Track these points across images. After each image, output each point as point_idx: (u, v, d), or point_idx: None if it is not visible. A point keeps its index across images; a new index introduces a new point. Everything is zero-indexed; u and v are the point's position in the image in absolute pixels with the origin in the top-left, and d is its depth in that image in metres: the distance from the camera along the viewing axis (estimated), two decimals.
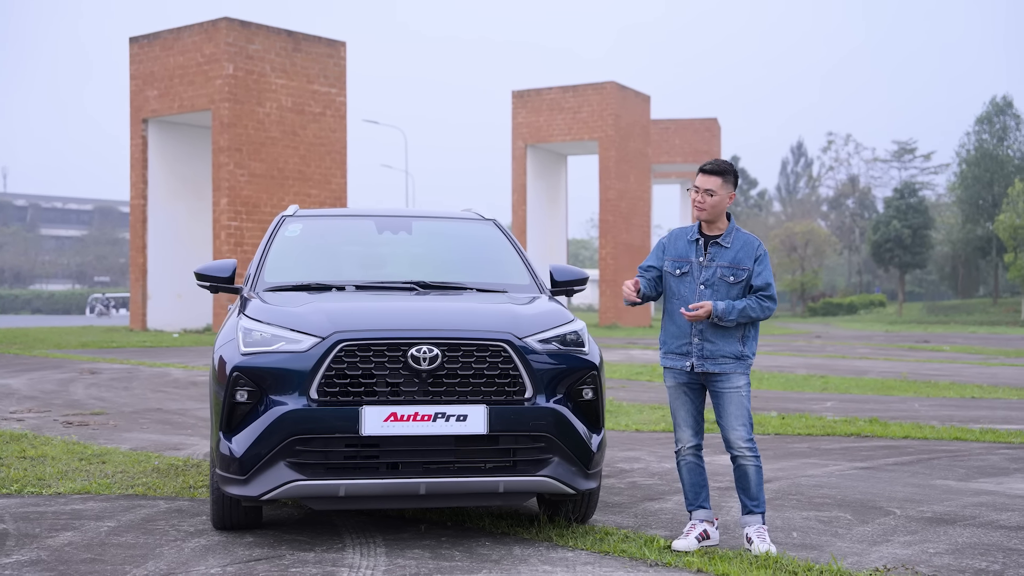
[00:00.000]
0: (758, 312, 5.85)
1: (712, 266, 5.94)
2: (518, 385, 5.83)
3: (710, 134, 57.90)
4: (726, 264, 5.92)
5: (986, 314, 68.84)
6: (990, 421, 12.10)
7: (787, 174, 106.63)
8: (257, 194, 32.32)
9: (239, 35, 32.14)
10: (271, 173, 32.67)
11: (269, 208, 32.60)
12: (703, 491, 5.99)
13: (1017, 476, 8.30)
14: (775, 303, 5.94)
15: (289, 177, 33.12)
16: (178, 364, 20.83)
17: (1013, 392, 16.07)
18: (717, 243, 5.97)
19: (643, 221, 46.91)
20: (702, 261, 5.97)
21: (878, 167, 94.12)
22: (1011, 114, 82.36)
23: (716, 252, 5.96)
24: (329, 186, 34.11)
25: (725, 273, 5.91)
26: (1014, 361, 24.56)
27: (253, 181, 32.22)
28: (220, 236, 31.73)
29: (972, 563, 5.52)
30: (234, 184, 31.77)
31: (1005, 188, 74.90)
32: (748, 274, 5.91)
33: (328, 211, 7.82)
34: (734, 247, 5.96)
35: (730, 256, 5.94)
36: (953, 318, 67.44)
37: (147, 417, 12.11)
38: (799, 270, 77.46)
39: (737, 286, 5.90)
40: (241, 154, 31.95)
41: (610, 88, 43.62)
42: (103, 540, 6.01)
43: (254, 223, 32.25)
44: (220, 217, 31.80)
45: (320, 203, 33.92)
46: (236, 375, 5.77)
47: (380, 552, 5.74)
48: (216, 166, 31.96)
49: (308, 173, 33.61)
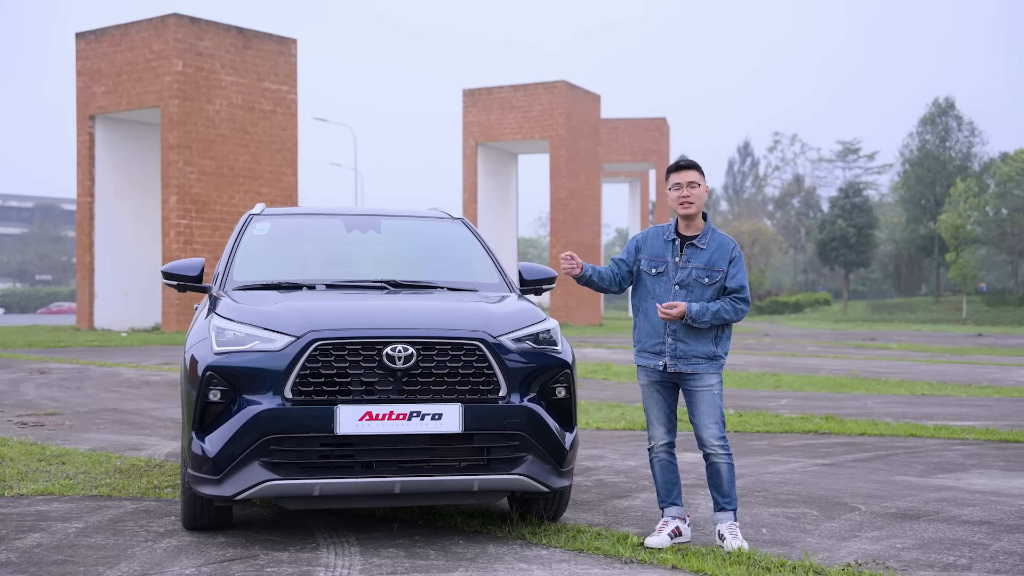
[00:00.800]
0: (731, 315, 5.91)
1: (688, 267, 5.99)
2: (492, 384, 5.85)
3: (659, 133, 58.24)
4: (701, 265, 5.97)
5: (929, 312, 69.87)
6: (942, 418, 12.30)
7: (734, 174, 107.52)
8: (207, 192, 32.05)
9: (188, 31, 31.85)
10: (221, 171, 32.41)
11: (219, 206, 32.34)
12: (675, 488, 6.04)
13: (974, 472, 8.45)
14: (748, 305, 6.01)
15: (239, 175, 32.87)
16: (129, 364, 20.62)
17: (961, 389, 16.34)
18: (693, 244, 6.02)
19: (593, 220, 47.07)
20: (678, 261, 6.02)
21: (823, 167, 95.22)
22: (953, 115, 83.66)
23: (692, 253, 6.01)
24: (280, 184, 33.91)
25: (700, 274, 5.96)
26: (959, 359, 24.96)
27: (203, 179, 31.95)
28: (169, 234, 31.43)
29: (940, 558, 5.61)
30: (183, 182, 31.47)
31: (947, 188, 76.10)
32: (723, 276, 5.96)
33: (296, 210, 7.78)
34: (709, 248, 6.01)
35: (705, 257, 5.99)
36: (897, 316, 68.38)
37: (103, 417, 11.98)
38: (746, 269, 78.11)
39: (712, 287, 5.95)
40: (191, 152, 31.67)
41: (561, 87, 43.73)
42: (72, 541, 5.95)
43: (204, 221, 31.97)
44: (169, 215, 31.49)
45: (271, 201, 33.68)
46: (209, 374, 5.73)
47: (354, 551, 5.73)
48: (165, 164, 31.65)
49: (259, 171, 33.39)
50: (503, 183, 46.72)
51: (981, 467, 8.68)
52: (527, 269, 7.27)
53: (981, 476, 8.23)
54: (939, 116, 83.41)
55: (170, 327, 31.44)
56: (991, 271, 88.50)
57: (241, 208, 32.94)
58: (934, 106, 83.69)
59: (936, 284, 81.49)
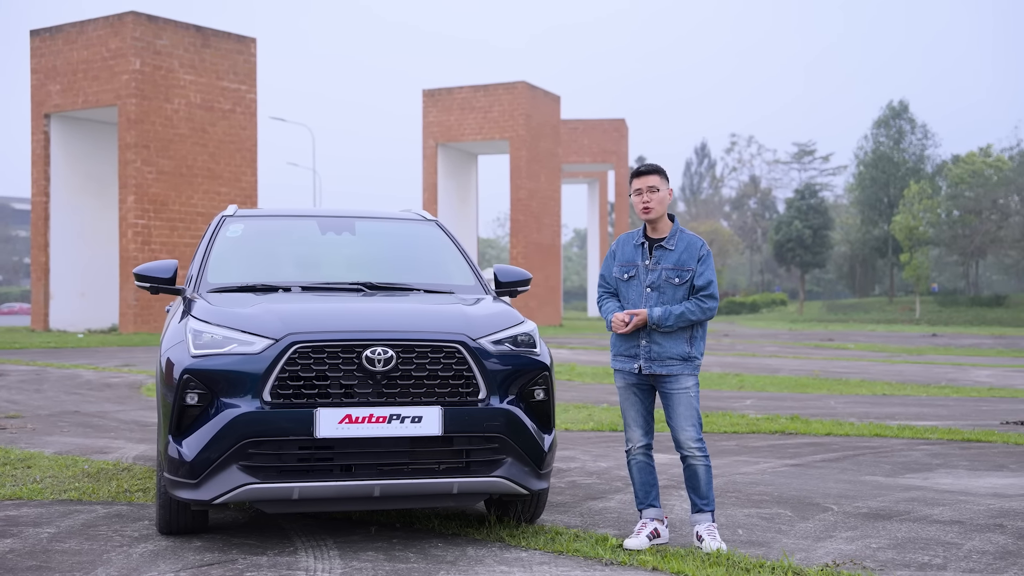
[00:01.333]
0: (698, 314, 5.93)
1: (658, 269, 6.01)
2: (472, 386, 5.84)
3: (618, 134, 58.43)
4: (671, 266, 6.00)
5: (883, 312, 70.61)
6: (905, 418, 12.43)
7: (691, 175, 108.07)
8: (165, 192, 31.78)
9: (146, 30, 31.56)
10: (180, 171, 32.14)
11: (177, 206, 32.07)
12: (653, 490, 6.06)
13: (940, 471, 8.55)
14: (716, 301, 6.02)
15: (198, 175, 32.62)
16: (87, 365, 20.40)
17: (921, 389, 16.53)
18: (662, 246, 6.05)
19: (553, 221, 47.14)
20: (648, 264, 6.05)
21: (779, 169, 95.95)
22: (907, 118, 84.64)
23: (661, 255, 6.04)
24: (239, 184, 33.68)
25: (670, 275, 5.98)
26: (916, 359, 25.25)
27: (161, 179, 31.67)
28: (127, 234, 31.12)
29: (915, 557, 5.68)
30: (141, 182, 31.18)
31: (901, 190, 76.97)
32: (692, 275, 5.99)
33: (269, 211, 7.73)
34: (678, 249, 6.04)
35: (674, 258, 6.02)
36: (852, 316, 69.05)
37: (66, 420, 11.85)
38: None
39: (683, 287, 5.97)
40: (148, 151, 31.38)
41: (521, 88, 43.76)
42: (46, 547, 5.88)
43: (162, 221, 31.70)
44: (127, 215, 31.18)
45: (231, 201, 33.43)
46: (186, 377, 5.69)
47: (333, 555, 5.71)
48: (122, 163, 31.34)
49: (218, 171, 33.14)
50: (463, 184, 46.68)
51: (947, 467, 8.78)
52: (502, 271, 7.28)
53: (948, 476, 8.33)
54: (893, 119, 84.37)
55: (128, 328, 31.13)
56: (942, 272, 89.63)
57: (200, 208, 32.68)
58: (888, 109, 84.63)
59: (890, 285, 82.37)
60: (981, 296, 72.74)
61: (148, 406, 13.33)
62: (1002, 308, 67.43)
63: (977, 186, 72.65)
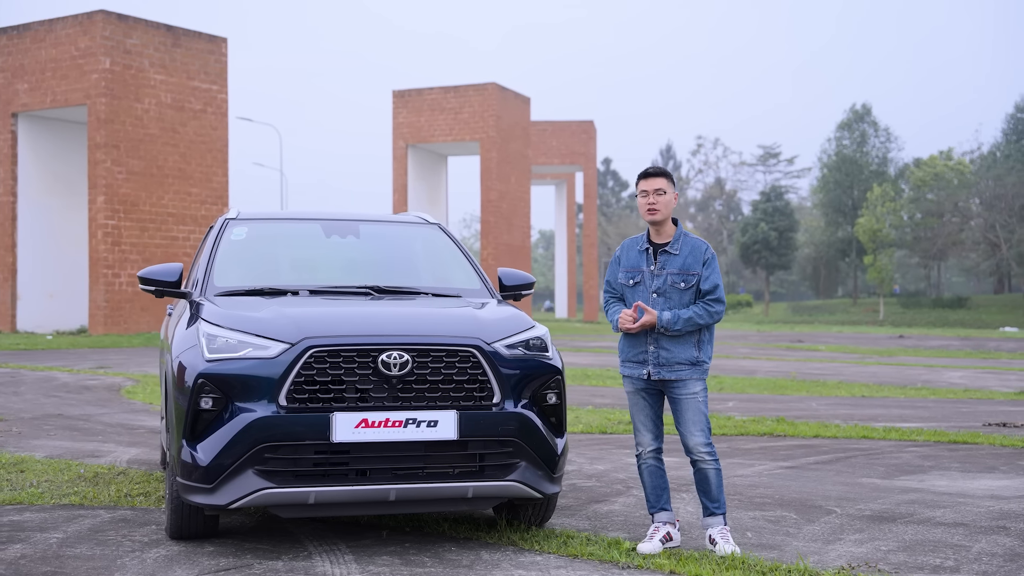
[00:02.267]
0: (706, 318, 5.96)
1: (663, 274, 6.03)
2: (486, 390, 5.86)
3: (587, 136, 58.57)
4: (676, 271, 6.02)
5: (847, 314, 71.21)
6: (888, 419, 12.56)
7: None
8: (135, 192, 31.53)
9: (116, 28, 31.31)
10: (150, 171, 31.90)
11: (148, 207, 31.83)
12: (664, 494, 6.10)
13: (934, 473, 8.64)
14: (723, 305, 6.06)
15: (169, 175, 32.39)
16: (61, 367, 20.21)
17: (898, 391, 16.69)
18: (666, 251, 6.07)
19: (523, 222, 47.21)
20: (653, 269, 6.07)
21: (744, 171, 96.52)
22: (869, 121, 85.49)
23: (666, 260, 6.06)
24: (210, 184, 33.47)
25: (676, 280, 6.01)
26: (888, 360, 25.49)
27: (131, 179, 31.42)
28: (97, 235, 30.86)
29: (927, 560, 5.74)
30: (111, 182, 30.93)
31: (864, 192, 77.68)
32: (698, 279, 6.01)
33: (271, 214, 7.70)
34: (683, 253, 6.06)
35: (679, 263, 6.04)
36: (817, 318, 69.59)
37: (51, 423, 11.74)
38: None
39: (689, 291, 6.00)
40: (119, 151, 31.13)
41: (491, 89, 43.78)
42: (57, 552, 5.83)
43: (132, 222, 31.45)
44: (96, 216, 30.91)
45: (201, 202, 33.24)
46: (201, 382, 5.66)
47: (348, 559, 5.70)
48: (92, 163, 31.06)
49: (189, 171, 32.92)
50: (433, 184, 46.65)
51: (939, 468, 8.88)
52: (506, 275, 7.29)
53: (942, 478, 8.43)
54: (856, 122, 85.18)
55: (97, 330, 30.86)
56: (904, 274, 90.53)
57: (171, 209, 32.45)
58: (851, 112, 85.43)
59: (853, 286, 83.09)
60: (943, 298, 73.50)
61: (131, 409, 13.24)
62: (964, 310, 68.18)
63: (939, 189, 73.43)
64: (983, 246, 71.37)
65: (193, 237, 33.10)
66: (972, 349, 31.54)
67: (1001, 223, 66.84)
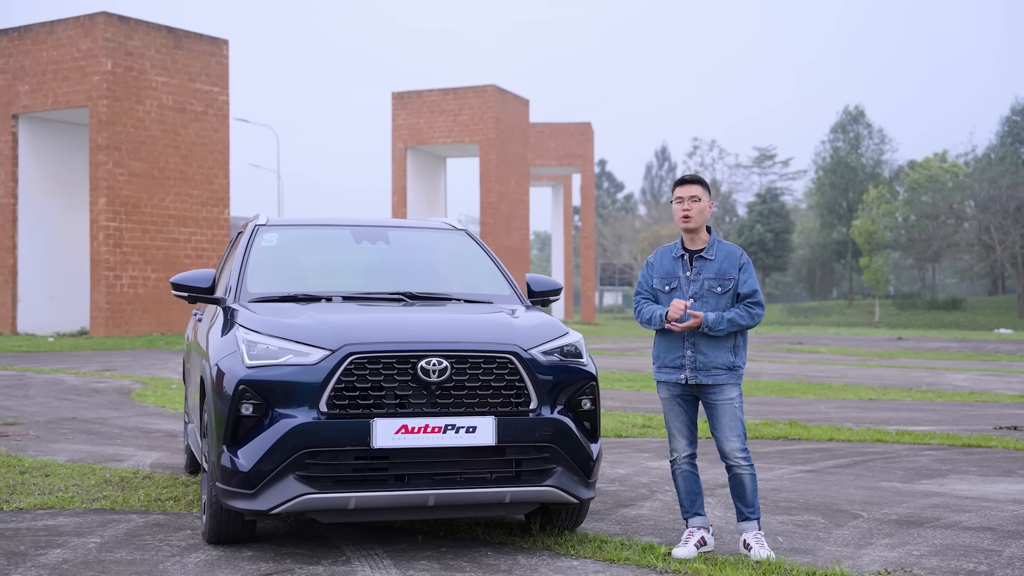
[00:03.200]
0: (747, 320, 6.03)
1: (699, 279, 6.11)
2: (523, 396, 5.91)
3: (584, 138, 58.65)
4: (712, 276, 6.10)
5: (843, 315, 71.35)
6: (898, 422, 12.63)
7: (652, 178, 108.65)
8: (137, 194, 31.54)
9: (118, 30, 31.31)
10: (151, 173, 31.91)
11: (149, 208, 31.83)
12: (698, 499, 6.15)
13: (953, 477, 8.71)
14: (763, 309, 6.14)
15: (170, 177, 32.39)
16: (67, 370, 20.22)
17: (904, 393, 16.77)
18: (702, 256, 6.15)
19: (522, 224, 47.28)
20: (689, 275, 6.14)
21: (740, 173, 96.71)
22: (863, 123, 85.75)
23: (701, 265, 6.14)
24: (211, 186, 33.48)
25: (712, 284, 6.08)
26: (889, 363, 25.57)
27: (133, 181, 31.42)
28: (98, 237, 30.86)
29: (960, 564, 5.80)
30: (113, 184, 30.93)
31: (859, 194, 77.87)
32: (734, 283, 6.09)
33: (299, 220, 7.74)
34: (718, 258, 6.14)
35: (715, 268, 6.12)
36: (813, 319, 69.70)
37: (67, 427, 11.77)
38: None
39: (725, 295, 6.08)
40: (120, 153, 31.13)
41: (491, 91, 43.83)
42: (97, 557, 5.88)
43: (134, 224, 31.45)
44: (98, 217, 30.91)
45: (202, 204, 33.24)
46: (242, 388, 5.71)
47: (387, 564, 5.75)
48: (94, 165, 31.06)
49: (190, 173, 32.92)
50: (432, 186, 46.69)
51: (957, 472, 8.95)
52: (535, 281, 7.34)
53: (962, 482, 8.49)
54: (850, 124, 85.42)
55: (99, 332, 30.85)
56: (899, 276, 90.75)
57: (172, 211, 32.46)
58: (844, 114, 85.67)
59: (849, 288, 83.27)
60: (938, 300, 73.69)
61: (144, 413, 13.27)
62: (959, 311, 68.36)
63: (933, 191, 73.63)
64: (977, 248, 71.55)
65: (195, 239, 33.12)
66: (971, 351, 31.65)
67: (996, 225, 67.02)
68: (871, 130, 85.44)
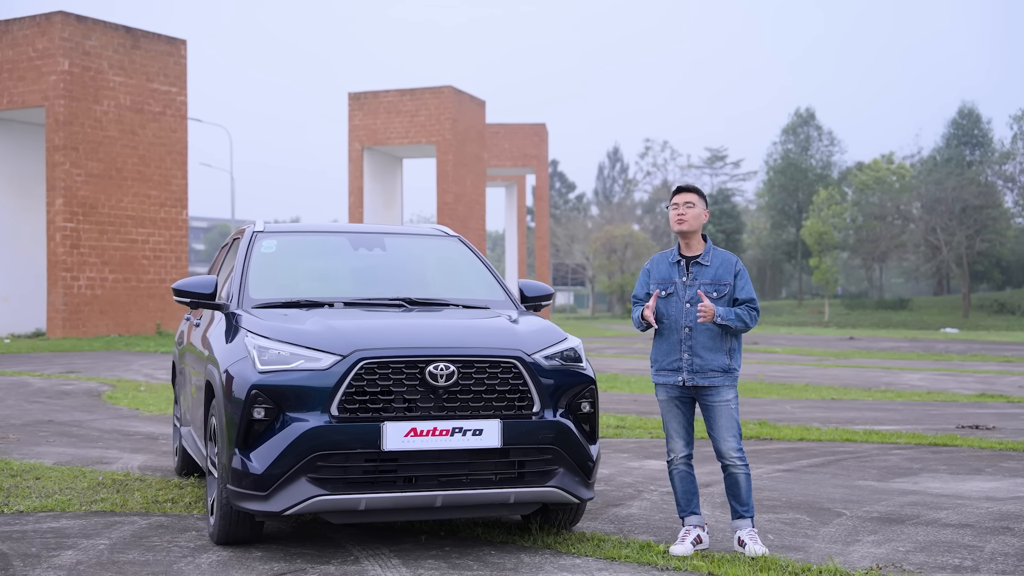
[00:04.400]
0: (748, 320, 6.26)
1: (695, 284, 6.34)
2: (527, 400, 6.10)
3: (539, 139, 58.93)
4: (708, 281, 6.33)
5: (793, 315, 72.18)
6: (864, 422, 12.95)
7: (604, 179, 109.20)
8: (94, 195, 31.33)
9: (75, 30, 31.09)
10: (109, 173, 31.71)
11: (107, 209, 31.63)
12: (695, 498, 6.38)
13: (925, 475, 9.01)
14: (759, 313, 6.40)
15: (128, 177, 32.20)
16: (31, 372, 20.14)
17: (864, 393, 17.14)
18: (698, 262, 6.38)
19: (479, 225, 47.43)
20: (685, 280, 6.37)
21: (691, 173, 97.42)
22: (814, 125, 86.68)
23: (698, 271, 6.37)
24: (169, 187, 33.32)
25: (707, 289, 6.31)
26: (845, 362, 26.04)
27: (90, 181, 31.22)
28: (55, 238, 30.62)
29: (946, 560, 6.07)
30: (70, 184, 30.71)
31: (809, 195, 78.77)
32: (730, 288, 6.32)
33: (297, 227, 7.89)
34: (714, 265, 6.38)
35: (711, 273, 6.35)
36: (763, 319, 70.39)
37: (45, 430, 11.79)
38: (619, 272, 79.52)
39: (721, 300, 6.31)
40: (77, 153, 30.92)
41: (448, 92, 43.95)
42: (111, 558, 5.99)
43: (91, 224, 31.24)
44: (55, 218, 30.68)
45: (160, 204, 33.08)
46: (254, 393, 5.85)
47: (396, 563, 5.91)
48: (50, 165, 30.82)
49: (148, 173, 32.75)
50: (388, 187, 46.73)
51: (928, 471, 9.25)
52: (528, 286, 7.53)
53: (934, 480, 8.79)
54: (800, 126, 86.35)
55: (56, 333, 30.61)
56: (847, 276, 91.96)
57: (130, 212, 32.28)
58: (795, 116, 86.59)
59: (799, 288, 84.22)
60: (886, 299, 74.79)
61: (119, 415, 13.31)
62: (906, 311, 69.43)
63: (881, 192, 74.69)
64: (923, 249, 72.70)
65: (153, 240, 32.95)
66: (923, 351, 32.26)
67: (942, 226, 68.14)
68: (821, 132, 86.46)
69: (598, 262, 79.14)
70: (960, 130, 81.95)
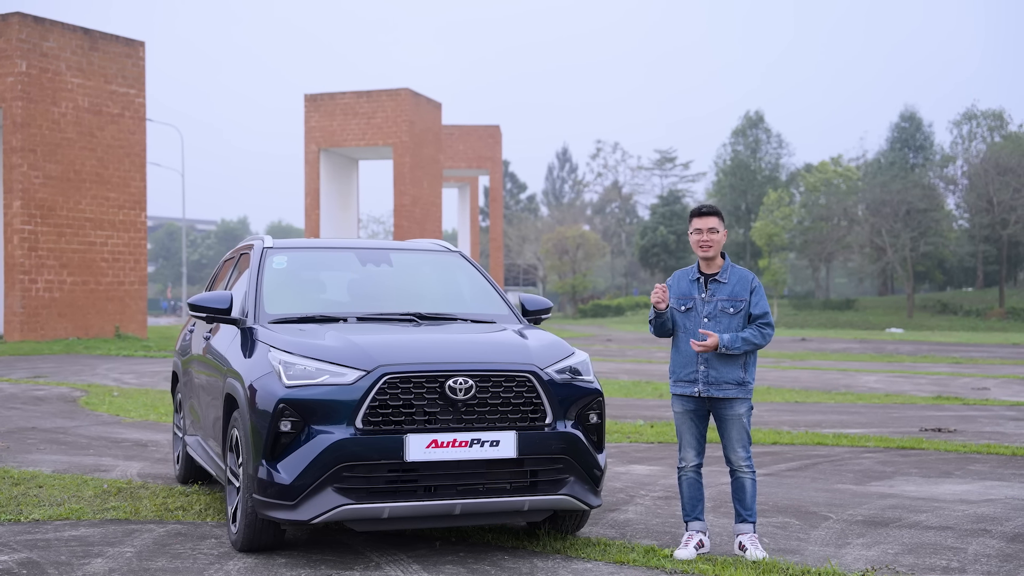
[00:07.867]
0: (759, 339, 6.62)
1: (713, 300, 6.70)
2: (540, 412, 6.41)
3: (493, 140, 59.27)
4: (725, 297, 6.69)
5: None
6: (831, 425, 13.40)
7: (553, 179, 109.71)
8: (53, 197, 31.19)
9: (32, 31, 30.93)
10: (67, 175, 31.58)
11: (65, 211, 31.50)
12: (700, 504, 6.72)
13: (899, 479, 9.43)
14: (773, 329, 6.75)
15: (86, 180, 32.09)
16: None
17: (826, 396, 17.63)
18: (716, 280, 6.73)
19: (435, 227, 47.65)
20: (704, 297, 6.72)
21: (641, 175, 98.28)
22: (763, 128, 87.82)
23: (716, 288, 6.73)
24: (128, 189, 33.23)
25: (725, 306, 6.67)
26: (801, 364, 26.61)
27: (48, 183, 31.08)
28: (13, 240, 30.46)
29: (934, 561, 6.45)
30: (28, 186, 30.56)
31: (759, 197, 79.82)
32: (746, 304, 6.68)
33: (305, 242, 8.13)
34: (731, 282, 6.73)
35: (728, 290, 6.71)
36: None
37: (32, 437, 11.91)
38: (570, 273, 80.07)
39: (737, 316, 6.66)
40: (35, 155, 30.77)
41: (404, 95, 44.13)
42: (140, 566, 6.21)
43: (50, 227, 31.10)
44: (12, 221, 30.51)
45: (119, 207, 32.99)
46: (282, 406, 6.11)
47: (416, 568, 6.19)
48: (8, 167, 30.65)
49: (106, 176, 32.65)
50: (344, 189, 46.82)
51: (901, 474, 9.67)
52: (528, 301, 7.85)
53: (908, 483, 9.20)
54: (749, 128, 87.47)
55: (13, 336, 30.44)
56: (794, 276, 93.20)
57: (88, 214, 32.16)
58: (745, 119, 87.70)
59: None
60: (832, 300, 75.99)
61: (102, 422, 13.43)
62: (852, 311, 70.65)
63: (828, 194, 75.86)
64: (869, 250, 73.95)
65: (111, 242, 32.84)
66: (874, 352, 32.97)
67: (887, 228, 69.36)
68: (769, 135, 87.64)
69: (549, 262, 79.65)
70: (903, 134, 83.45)
